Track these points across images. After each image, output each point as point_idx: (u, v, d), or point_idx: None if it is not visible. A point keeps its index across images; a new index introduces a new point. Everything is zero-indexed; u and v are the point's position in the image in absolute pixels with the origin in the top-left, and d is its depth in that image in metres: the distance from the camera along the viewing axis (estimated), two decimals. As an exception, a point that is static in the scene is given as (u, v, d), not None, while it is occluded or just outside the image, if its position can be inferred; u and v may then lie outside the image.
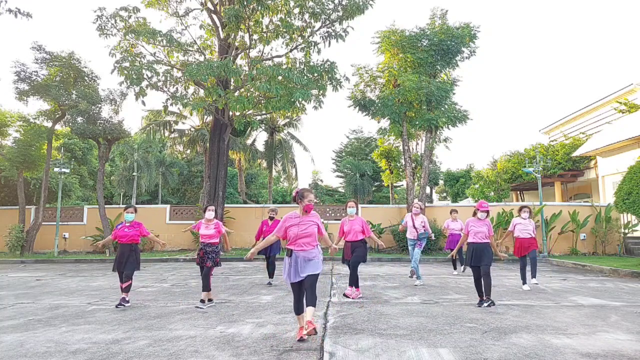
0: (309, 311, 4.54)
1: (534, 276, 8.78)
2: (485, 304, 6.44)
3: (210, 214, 7.03)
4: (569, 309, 6.43)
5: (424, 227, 8.87)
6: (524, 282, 8.39)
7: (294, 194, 4.85)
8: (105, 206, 17.42)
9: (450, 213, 10.84)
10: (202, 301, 6.64)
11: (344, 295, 7.30)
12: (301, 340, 4.59)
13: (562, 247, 16.86)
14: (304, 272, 4.58)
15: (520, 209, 8.76)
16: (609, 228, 16.49)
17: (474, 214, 6.82)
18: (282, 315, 5.94)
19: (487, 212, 6.81)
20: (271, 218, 9.13)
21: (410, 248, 9.17)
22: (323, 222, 6.61)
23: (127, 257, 6.80)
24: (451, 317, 5.79)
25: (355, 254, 7.26)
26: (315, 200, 4.94)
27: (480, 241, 6.64)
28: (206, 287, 6.73)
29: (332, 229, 16.63)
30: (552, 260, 14.27)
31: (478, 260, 6.58)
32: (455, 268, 11.03)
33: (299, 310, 4.71)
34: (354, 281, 7.34)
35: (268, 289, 8.40)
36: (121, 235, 6.85)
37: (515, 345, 4.48)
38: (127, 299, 6.73)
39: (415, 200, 10.32)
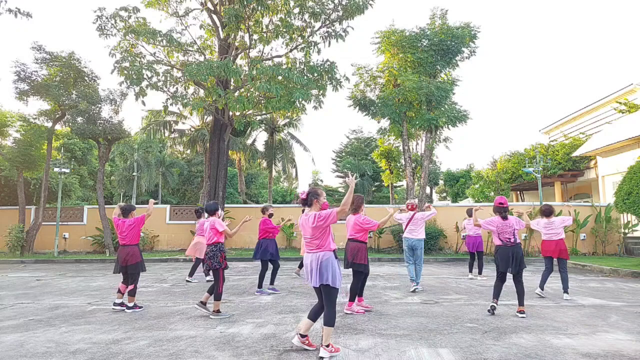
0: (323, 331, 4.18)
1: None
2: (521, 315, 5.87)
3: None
4: (569, 309, 6.43)
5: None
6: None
7: (303, 195, 4.37)
8: (105, 206, 17.40)
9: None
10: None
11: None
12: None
13: (562, 247, 16.84)
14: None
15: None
16: (609, 228, 16.47)
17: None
18: (282, 315, 5.93)
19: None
20: (271, 215, 8.37)
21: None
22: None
23: None
24: (451, 317, 5.79)
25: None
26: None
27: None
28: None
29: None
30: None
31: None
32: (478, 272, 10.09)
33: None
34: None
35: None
36: None
37: (515, 345, 4.49)
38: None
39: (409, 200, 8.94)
